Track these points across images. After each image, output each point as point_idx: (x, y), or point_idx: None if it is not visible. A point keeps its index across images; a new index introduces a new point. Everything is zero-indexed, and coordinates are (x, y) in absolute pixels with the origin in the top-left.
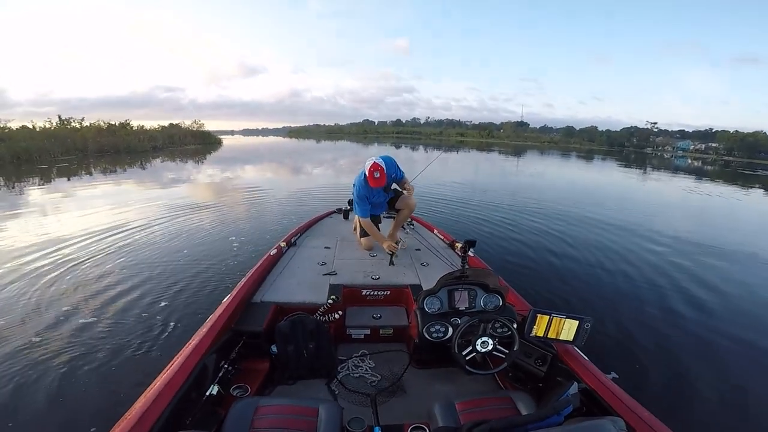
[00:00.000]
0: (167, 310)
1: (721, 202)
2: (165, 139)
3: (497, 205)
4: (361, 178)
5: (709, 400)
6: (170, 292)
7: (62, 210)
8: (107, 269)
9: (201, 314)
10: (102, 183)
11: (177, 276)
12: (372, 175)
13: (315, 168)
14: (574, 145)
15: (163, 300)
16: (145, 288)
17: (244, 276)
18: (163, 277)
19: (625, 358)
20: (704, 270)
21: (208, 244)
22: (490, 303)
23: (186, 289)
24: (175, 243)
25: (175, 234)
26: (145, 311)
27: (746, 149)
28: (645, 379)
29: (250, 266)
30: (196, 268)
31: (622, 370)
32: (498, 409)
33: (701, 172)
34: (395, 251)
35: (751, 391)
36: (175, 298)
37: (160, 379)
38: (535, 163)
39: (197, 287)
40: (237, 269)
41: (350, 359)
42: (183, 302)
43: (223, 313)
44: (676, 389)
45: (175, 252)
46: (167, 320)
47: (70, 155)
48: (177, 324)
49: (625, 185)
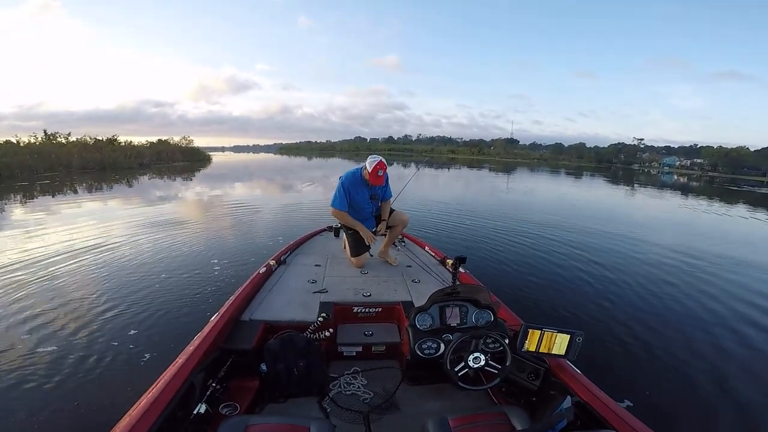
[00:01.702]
0: (147, 332)
1: (709, 217)
2: (152, 156)
3: (488, 221)
4: (354, 173)
5: (703, 411)
6: (150, 311)
7: (38, 229)
8: (83, 288)
9: (185, 333)
10: (84, 200)
11: (157, 296)
12: (375, 172)
13: (305, 185)
14: (564, 162)
15: (144, 320)
16: (122, 307)
17: (233, 294)
18: (142, 297)
19: (617, 371)
20: (695, 282)
21: (191, 265)
22: (481, 319)
23: (167, 309)
24: (155, 263)
25: (155, 254)
26: (124, 330)
27: (730, 165)
28: (639, 391)
29: (238, 285)
30: (177, 289)
31: (614, 384)
32: (492, 424)
33: (687, 189)
34: (377, 235)
35: (747, 402)
36: (155, 319)
37: (145, 397)
38: (526, 180)
39: (178, 308)
40: (223, 288)
41: (342, 377)
42: (165, 322)
43: (211, 331)
44: (670, 401)
45: (154, 272)
46: (148, 340)
47: (53, 171)
48: (159, 343)
49: (613, 201)
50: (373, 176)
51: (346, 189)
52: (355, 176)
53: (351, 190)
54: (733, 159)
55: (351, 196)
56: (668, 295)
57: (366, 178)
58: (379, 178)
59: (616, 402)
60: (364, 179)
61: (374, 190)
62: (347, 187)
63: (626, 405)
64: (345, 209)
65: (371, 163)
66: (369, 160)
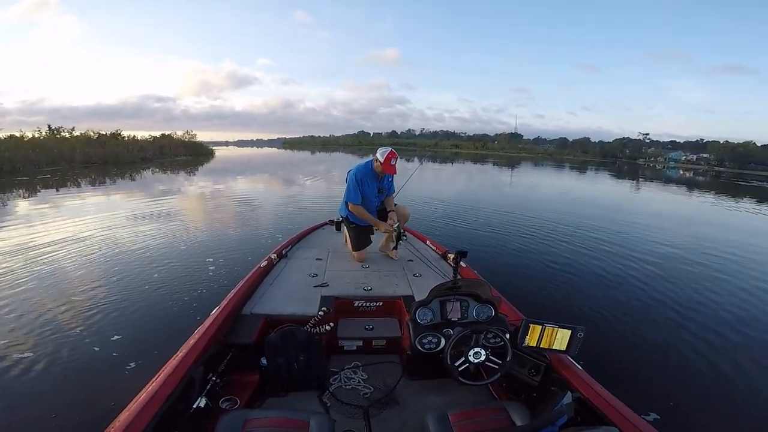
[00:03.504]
0: (146, 326)
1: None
2: (155, 150)
3: (490, 216)
4: (366, 165)
5: (705, 407)
6: (149, 304)
7: (35, 222)
8: (83, 281)
9: (185, 326)
10: (87, 194)
11: (156, 290)
12: (389, 162)
13: (307, 179)
14: (568, 157)
15: (144, 315)
16: (122, 301)
17: (234, 288)
18: (141, 290)
19: (619, 367)
20: (699, 277)
21: (191, 259)
22: (482, 313)
23: (166, 303)
24: (155, 258)
25: (156, 248)
26: (123, 325)
27: (737, 159)
28: (640, 387)
29: (239, 278)
30: (178, 283)
31: (616, 379)
32: (492, 420)
33: (694, 183)
34: (394, 230)
35: (748, 398)
36: (155, 312)
37: (145, 391)
38: (530, 174)
39: (178, 301)
40: (224, 281)
41: (342, 371)
42: (163, 316)
43: (212, 325)
44: (671, 397)
45: (154, 266)
46: (147, 334)
47: (55, 166)
48: (158, 336)
49: (617, 196)
50: (386, 165)
51: (359, 181)
52: (366, 168)
53: (363, 182)
54: (740, 154)
55: (362, 188)
56: (671, 291)
57: (377, 170)
58: (392, 167)
59: (616, 398)
60: (375, 172)
61: (381, 184)
62: (360, 180)
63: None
64: (360, 202)
65: (383, 153)
66: (380, 151)
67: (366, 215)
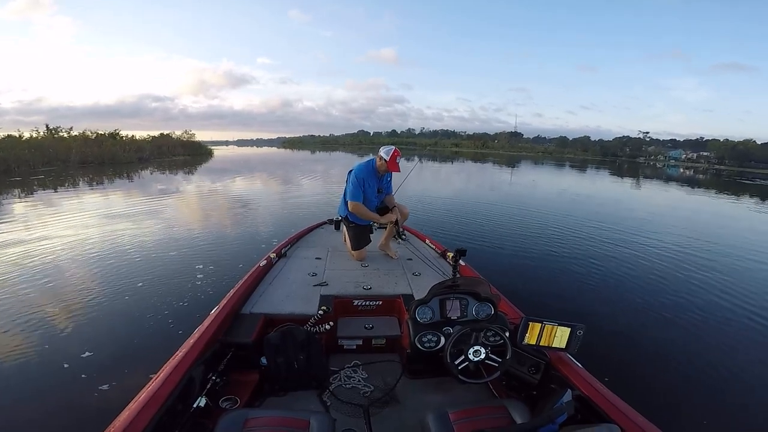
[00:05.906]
0: (144, 325)
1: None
2: (153, 150)
3: (489, 214)
4: (367, 164)
5: (704, 404)
6: (148, 304)
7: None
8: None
9: (184, 326)
10: (83, 195)
11: (155, 289)
12: (394, 159)
13: (306, 178)
14: (569, 155)
15: (142, 313)
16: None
17: (233, 287)
18: (140, 289)
19: (619, 364)
20: (699, 275)
21: (190, 258)
22: (481, 312)
23: (165, 303)
24: (153, 257)
25: (154, 247)
26: (122, 323)
27: (737, 158)
28: (639, 384)
29: (238, 278)
30: (177, 282)
31: (616, 376)
32: (492, 418)
33: (695, 182)
34: (395, 221)
35: (747, 395)
36: (153, 311)
37: (144, 391)
38: (530, 173)
39: (177, 301)
40: (223, 281)
41: (342, 370)
42: (162, 316)
43: (211, 324)
44: (671, 393)
45: (152, 265)
46: (145, 334)
47: (51, 166)
48: (157, 336)
49: (617, 194)
50: (392, 163)
51: (360, 180)
52: (368, 167)
53: (364, 182)
54: (740, 152)
55: (363, 188)
56: (671, 289)
57: (381, 168)
58: (397, 164)
59: (616, 395)
60: (375, 171)
61: (381, 183)
62: (361, 179)
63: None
64: (361, 200)
65: (388, 152)
66: (385, 150)
67: (367, 212)
